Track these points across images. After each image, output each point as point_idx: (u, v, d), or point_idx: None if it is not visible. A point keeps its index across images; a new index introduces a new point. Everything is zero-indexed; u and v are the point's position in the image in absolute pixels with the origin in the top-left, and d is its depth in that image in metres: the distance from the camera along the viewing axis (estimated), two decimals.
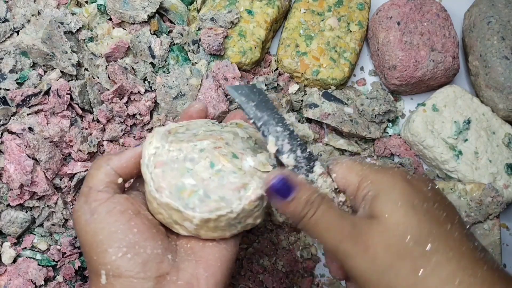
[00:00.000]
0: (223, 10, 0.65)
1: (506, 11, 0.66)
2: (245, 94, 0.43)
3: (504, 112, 0.65)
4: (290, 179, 0.41)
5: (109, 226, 0.41)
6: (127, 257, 0.40)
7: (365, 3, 0.69)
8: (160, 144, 0.43)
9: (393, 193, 0.39)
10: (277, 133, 0.43)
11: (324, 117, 0.64)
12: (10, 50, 0.58)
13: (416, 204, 0.39)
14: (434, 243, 0.37)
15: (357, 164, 0.43)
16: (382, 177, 0.41)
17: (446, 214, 0.39)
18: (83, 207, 0.42)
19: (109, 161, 0.45)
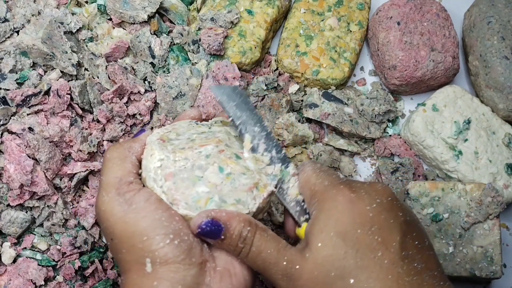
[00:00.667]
0: (223, 10, 0.65)
1: (506, 11, 0.66)
2: (227, 93, 0.45)
3: (504, 112, 0.65)
4: (218, 218, 0.41)
5: (151, 214, 0.41)
6: (174, 243, 0.40)
7: (365, 3, 0.69)
8: (164, 155, 0.43)
9: (330, 219, 0.41)
10: (254, 132, 0.45)
11: (324, 117, 0.64)
12: (10, 50, 0.58)
13: (349, 232, 0.40)
14: (357, 276, 0.39)
15: (314, 176, 0.44)
16: (326, 198, 0.42)
17: (381, 238, 0.40)
18: (116, 199, 0.41)
19: (131, 150, 0.44)
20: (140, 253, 0.40)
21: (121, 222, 0.41)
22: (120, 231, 0.41)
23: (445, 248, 0.57)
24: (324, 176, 0.44)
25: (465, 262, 0.57)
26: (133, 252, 0.41)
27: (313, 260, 0.40)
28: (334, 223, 0.40)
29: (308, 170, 0.45)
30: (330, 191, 0.42)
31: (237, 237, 0.41)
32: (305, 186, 0.44)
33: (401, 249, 0.40)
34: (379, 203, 0.41)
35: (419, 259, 0.40)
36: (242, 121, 0.44)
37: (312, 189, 0.43)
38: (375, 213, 0.41)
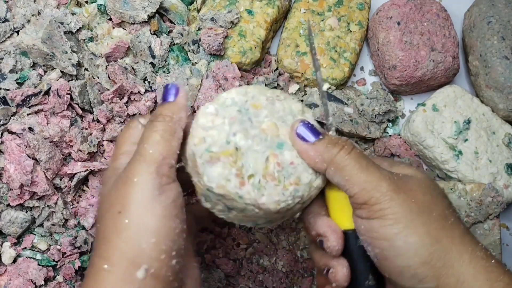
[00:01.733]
0: (223, 10, 0.65)
1: (506, 11, 0.66)
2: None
3: (504, 112, 0.65)
4: (316, 126, 0.42)
5: (172, 219, 0.37)
6: (173, 262, 0.37)
7: (365, 3, 0.69)
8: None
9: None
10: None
11: (324, 117, 0.64)
12: (10, 50, 0.58)
13: (418, 203, 0.41)
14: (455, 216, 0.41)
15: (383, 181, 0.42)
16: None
17: (452, 209, 0.42)
18: (153, 178, 0.37)
19: (181, 122, 0.40)
20: (140, 253, 0.36)
21: (144, 206, 0.36)
22: (135, 217, 0.36)
23: None
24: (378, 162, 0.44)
25: None
26: (133, 249, 0.36)
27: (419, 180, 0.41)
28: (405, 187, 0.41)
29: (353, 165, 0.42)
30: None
31: (336, 139, 0.41)
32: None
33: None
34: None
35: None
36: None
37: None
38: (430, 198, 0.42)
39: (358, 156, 0.40)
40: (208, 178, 0.39)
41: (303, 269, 0.62)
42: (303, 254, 0.62)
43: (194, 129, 0.41)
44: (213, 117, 0.41)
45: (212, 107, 0.42)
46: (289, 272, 0.61)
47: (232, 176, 0.39)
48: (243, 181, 0.40)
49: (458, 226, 0.40)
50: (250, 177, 0.40)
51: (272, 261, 0.61)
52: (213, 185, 0.39)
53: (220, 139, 0.40)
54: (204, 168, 0.39)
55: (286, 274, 0.61)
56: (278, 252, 0.62)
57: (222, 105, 0.42)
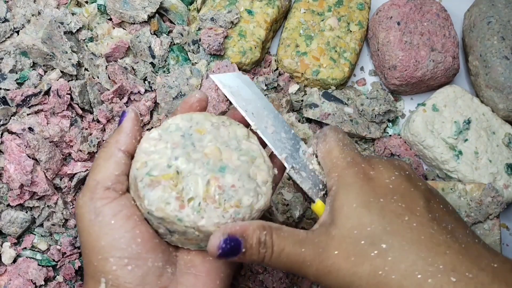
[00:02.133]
0: (223, 10, 0.65)
1: (506, 11, 0.66)
2: (230, 80, 0.44)
3: (504, 112, 0.65)
4: (233, 232, 0.39)
5: (113, 232, 0.39)
6: (127, 268, 0.39)
7: (365, 3, 0.69)
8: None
9: (351, 193, 0.40)
10: (261, 116, 0.43)
11: (324, 117, 0.64)
12: (10, 50, 0.58)
13: (372, 202, 0.39)
14: (389, 240, 0.37)
15: (338, 149, 0.43)
16: (347, 174, 0.41)
17: (405, 205, 0.39)
18: (88, 204, 0.40)
19: (117, 144, 0.42)
20: (95, 270, 0.39)
21: (86, 232, 0.40)
22: (83, 241, 0.40)
23: None
24: (347, 151, 0.43)
25: None
26: (90, 267, 0.40)
27: (340, 235, 0.39)
28: (356, 195, 0.40)
29: (331, 141, 0.44)
30: (351, 168, 0.41)
31: (257, 245, 0.39)
32: (326, 157, 0.43)
33: (427, 212, 0.39)
34: (398, 175, 0.41)
35: (447, 220, 0.40)
36: (248, 109, 0.43)
37: (334, 162, 0.42)
38: (395, 184, 0.40)
39: (280, 253, 0.40)
40: (149, 201, 0.40)
41: None
42: None
43: (137, 154, 0.42)
44: (155, 142, 0.42)
45: (156, 132, 0.43)
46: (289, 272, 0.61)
47: (172, 199, 0.40)
48: (182, 204, 0.40)
49: (426, 225, 0.38)
50: (190, 200, 0.40)
51: None
52: (153, 208, 0.40)
53: (162, 163, 0.41)
54: (144, 191, 0.40)
55: (286, 274, 0.61)
56: None
57: (165, 131, 0.43)
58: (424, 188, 0.41)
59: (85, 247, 0.40)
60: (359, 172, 0.41)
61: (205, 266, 0.42)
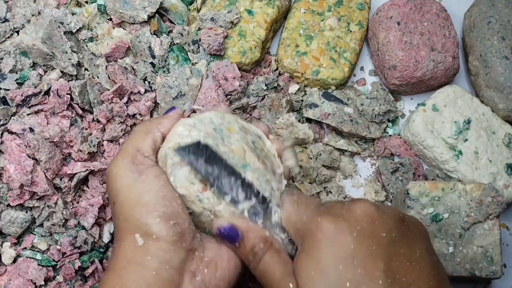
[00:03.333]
0: (223, 10, 0.65)
1: (506, 11, 0.66)
2: (193, 152, 0.44)
3: (504, 112, 0.65)
4: (238, 226, 0.43)
5: (157, 189, 0.42)
6: (170, 223, 0.41)
7: (365, 3, 0.69)
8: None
9: (310, 258, 0.40)
10: (230, 184, 0.44)
11: (324, 117, 0.64)
12: (10, 50, 0.58)
13: (330, 271, 0.39)
14: None
15: (294, 213, 0.44)
16: (306, 236, 0.42)
17: (365, 271, 0.38)
18: (129, 165, 0.43)
19: (159, 126, 0.45)
20: (136, 223, 0.41)
21: (128, 188, 0.42)
22: (124, 197, 0.42)
23: (445, 248, 0.57)
24: (302, 211, 0.43)
25: (465, 262, 0.57)
26: (130, 222, 0.42)
27: None
28: (315, 262, 0.40)
29: (287, 206, 0.45)
30: (310, 228, 0.41)
31: (249, 250, 0.43)
32: (287, 225, 0.44)
33: (386, 277, 0.38)
34: (360, 231, 0.40)
35: (408, 279, 0.39)
36: (215, 177, 0.43)
37: (294, 227, 0.43)
38: (356, 243, 0.39)
39: (265, 269, 0.43)
40: (175, 178, 0.43)
41: None
42: None
43: (171, 135, 0.46)
44: (190, 128, 0.45)
45: (192, 120, 0.46)
46: None
47: (196, 180, 0.43)
48: (205, 187, 0.43)
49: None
50: (212, 185, 0.43)
51: None
52: (178, 185, 0.43)
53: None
54: (172, 169, 0.44)
55: None
56: None
57: (201, 121, 0.46)
58: (387, 241, 0.40)
59: (125, 203, 0.42)
60: (317, 231, 0.40)
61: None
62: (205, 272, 0.42)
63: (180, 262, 0.41)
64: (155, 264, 0.40)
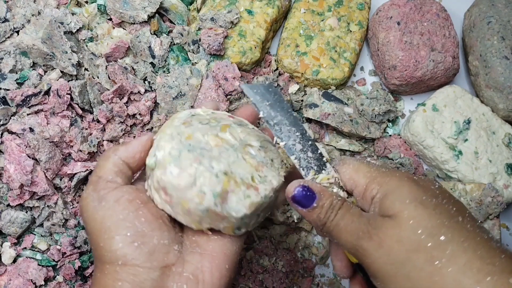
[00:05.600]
0: (223, 10, 0.65)
1: (506, 11, 0.66)
2: (260, 93, 0.44)
3: (504, 112, 0.65)
4: (311, 188, 0.42)
5: (117, 213, 0.41)
6: (134, 245, 0.40)
7: (365, 3, 0.69)
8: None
9: (401, 192, 0.40)
10: (289, 133, 0.43)
11: (324, 117, 0.64)
12: (10, 50, 0.58)
13: (425, 200, 0.39)
14: (448, 234, 0.38)
15: (364, 165, 0.43)
16: (390, 179, 0.41)
17: (456, 208, 0.39)
18: (91, 194, 0.42)
19: (116, 152, 0.45)
20: (102, 252, 0.41)
21: (91, 218, 0.42)
22: (89, 227, 0.42)
23: None
24: (373, 167, 0.43)
25: None
26: (97, 251, 0.41)
27: (396, 222, 0.39)
28: (407, 194, 0.39)
29: (353, 162, 0.44)
30: (393, 173, 0.41)
31: (326, 209, 0.41)
32: (355, 176, 0.43)
33: (474, 221, 0.39)
34: (439, 186, 0.41)
35: (486, 229, 0.40)
36: (277, 122, 0.43)
37: (368, 175, 0.42)
38: (440, 190, 0.40)
39: (340, 219, 0.42)
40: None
41: (303, 269, 0.62)
42: (303, 254, 0.62)
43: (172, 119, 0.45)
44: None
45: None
46: (289, 272, 0.61)
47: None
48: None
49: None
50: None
51: (272, 261, 0.61)
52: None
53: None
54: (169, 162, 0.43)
55: (286, 274, 0.61)
56: (278, 252, 0.62)
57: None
58: (461, 202, 0.42)
59: (91, 232, 0.42)
60: (402, 176, 0.41)
61: (210, 244, 0.43)
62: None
63: (154, 282, 0.40)
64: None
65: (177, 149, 0.42)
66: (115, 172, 0.44)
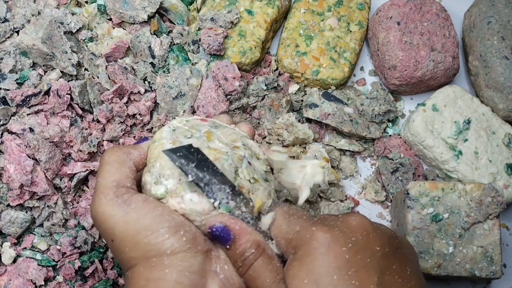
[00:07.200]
0: (223, 10, 0.65)
1: (506, 11, 0.66)
2: (184, 156, 0.43)
3: (504, 112, 0.65)
4: (231, 227, 0.42)
5: (152, 211, 0.41)
6: (179, 234, 0.41)
7: (365, 3, 0.69)
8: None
9: (304, 266, 0.40)
10: (220, 191, 0.43)
11: (324, 117, 0.64)
12: (10, 50, 0.58)
13: (324, 280, 0.39)
14: None
15: (285, 224, 0.43)
16: (300, 245, 0.41)
17: (358, 282, 0.39)
18: (114, 200, 0.42)
19: (130, 155, 0.45)
20: (146, 248, 0.41)
21: (122, 222, 0.41)
22: (122, 231, 0.42)
23: (445, 248, 0.57)
24: (294, 221, 0.43)
25: (465, 262, 0.57)
26: (138, 249, 0.41)
27: None
28: (308, 270, 0.39)
29: (277, 218, 0.44)
30: (303, 237, 0.41)
31: (240, 255, 0.42)
32: (278, 235, 0.43)
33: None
34: (355, 242, 0.40)
35: None
36: (205, 183, 0.43)
37: (286, 237, 0.43)
38: (351, 254, 0.39)
39: (253, 276, 0.42)
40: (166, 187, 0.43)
41: None
42: None
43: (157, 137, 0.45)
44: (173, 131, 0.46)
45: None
46: None
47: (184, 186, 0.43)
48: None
49: None
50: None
51: None
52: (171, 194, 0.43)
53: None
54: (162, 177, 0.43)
55: None
56: None
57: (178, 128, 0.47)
58: (381, 255, 0.40)
59: (125, 236, 0.41)
60: (311, 239, 0.40)
61: None
62: (226, 269, 0.42)
63: (200, 265, 0.41)
64: (174, 275, 0.40)
65: (184, 174, 0.42)
66: (131, 179, 0.44)
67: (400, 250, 0.42)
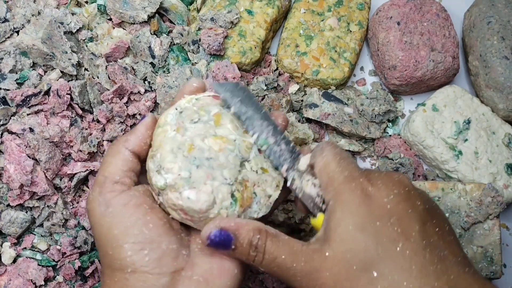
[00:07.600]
0: (223, 10, 0.65)
1: (506, 11, 0.66)
2: (230, 90, 0.44)
3: (504, 112, 0.65)
4: (226, 227, 0.40)
5: (124, 220, 0.40)
6: (143, 253, 0.40)
7: (365, 3, 0.69)
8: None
9: (347, 212, 0.40)
10: (261, 126, 0.43)
11: (324, 117, 0.64)
12: (10, 50, 0.58)
13: (367, 225, 0.39)
14: (380, 268, 0.38)
15: (334, 163, 0.42)
16: (344, 190, 0.41)
17: (401, 229, 0.39)
18: (97, 198, 0.41)
19: (126, 143, 0.43)
20: (111, 259, 0.40)
21: (98, 224, 0.41)
22: (97, 234, 0.41)
23: None
24: (344, 165, 0.42)
25: None
26: (105, 258, 0.41)
27: (333, 257, 0.39)
28: (352, 216, 0.39)
29: (328, 154, 0.43)
30: (349, 183, 0.41)
31: (248, 246, 0.40)
32: (323, 171, 0.42)
33: (421, 238, 0.39)
34: (397, 194, 0.40)
35: (441, 245, 0.40)
36: (248, 117, 0.43)
37: (331, 176, 0.42)
38: (393, 204, 0.40)
39: (272, 259, 0.41)
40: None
41: None
42: None
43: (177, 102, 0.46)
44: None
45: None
46: None
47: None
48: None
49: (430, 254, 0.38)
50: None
51: None
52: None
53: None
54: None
55: None
56: None
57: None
58: (422, 209, 0.41)
59: (99, 239, 0.41)
60: (356, 188, 0.40)
61: None
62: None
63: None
64: None
65: (185, 168, 0.41)
66: (124, 171, 0.43)
67: (438, 211, 0.42)
